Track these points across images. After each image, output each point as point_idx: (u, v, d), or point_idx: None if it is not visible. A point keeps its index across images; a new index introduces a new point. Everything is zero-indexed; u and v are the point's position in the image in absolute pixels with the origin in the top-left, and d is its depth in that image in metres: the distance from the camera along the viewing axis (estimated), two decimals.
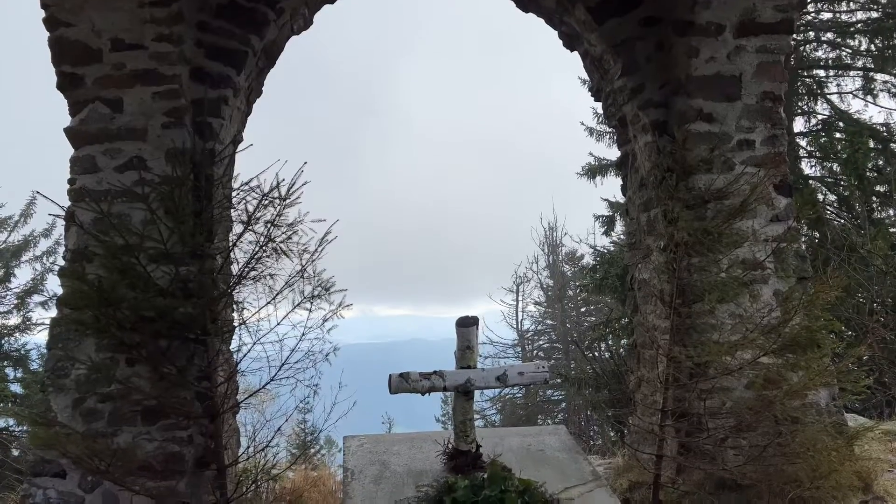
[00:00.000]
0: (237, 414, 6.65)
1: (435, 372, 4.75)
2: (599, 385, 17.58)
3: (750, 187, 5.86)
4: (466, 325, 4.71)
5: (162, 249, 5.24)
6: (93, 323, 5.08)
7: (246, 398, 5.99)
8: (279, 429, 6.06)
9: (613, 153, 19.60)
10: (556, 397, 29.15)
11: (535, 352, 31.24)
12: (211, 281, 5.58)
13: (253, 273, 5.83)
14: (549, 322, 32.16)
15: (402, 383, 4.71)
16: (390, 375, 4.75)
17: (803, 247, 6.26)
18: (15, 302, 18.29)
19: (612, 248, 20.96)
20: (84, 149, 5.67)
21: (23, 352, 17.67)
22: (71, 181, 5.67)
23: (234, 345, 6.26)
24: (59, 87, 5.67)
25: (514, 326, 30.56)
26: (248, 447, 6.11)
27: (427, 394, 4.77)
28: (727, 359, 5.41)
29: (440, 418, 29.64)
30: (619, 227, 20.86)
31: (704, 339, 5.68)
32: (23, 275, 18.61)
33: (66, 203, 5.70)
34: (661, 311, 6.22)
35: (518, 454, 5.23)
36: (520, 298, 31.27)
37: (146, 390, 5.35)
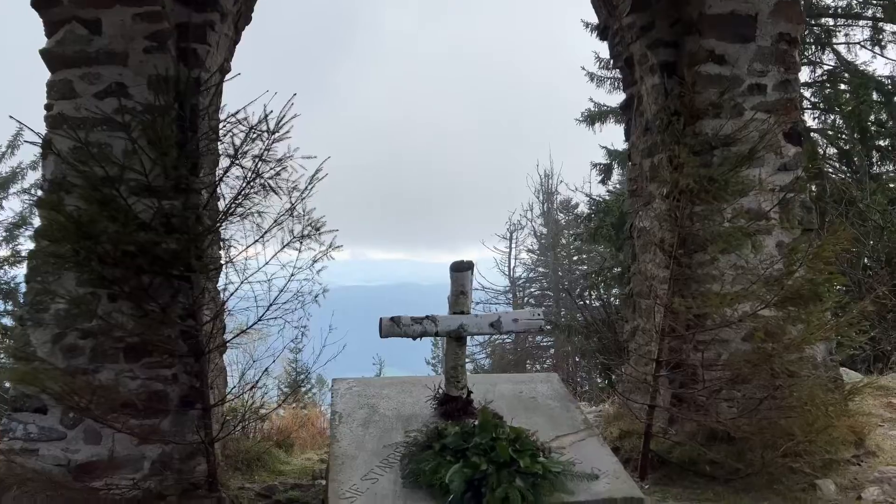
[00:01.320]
0: (224, 353, 6.52)
1: (427, 317, 4.60)
2: (589, 333, 17.64)
3: (759, 134, 5.64)
4: (461, 269, 4.54)
5: (144, 182, 5.00)
6: (71, 257, 4.88)
7: (233, 338, 5.84)
8: (266, 369, 5.92)
9: (614, 99, 19.20)
10: (545, 343, 29.40)
11: (527, 299, 31.37)
12: (196, 216, 5.36)
13: (240, 210, 5.61)
14: (541, 270, 32.20)
15: (392, 327, 4.56)
16: (381, 319, 4.60)
17: (809, 198, 6.07)
18: (3, 234, 18.04)
19: (608, 197, 20.76)
20: (61, 73, 5.35)
21: (13, 284, 17.48)
22: (48, 107, 5.37)
23: (220, 284, 6.11)
24: (34, 4, 5.32)
25: (507, 273, 30.56)
26: (234, 387, 6.00)
27: (418, 339, 4.63)
28: (726, 310, 5.28)
29: (430, 361, 29.86)
30: (616, 175, 20.62)
31: (705, 289, 5.55)
32: (11, 207, 18.33)
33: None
34: (660, 261, 6.07)
35: (509, 401, 5.13)
36: (513, 246, 31.21)
37: (128, 327, 5.19)
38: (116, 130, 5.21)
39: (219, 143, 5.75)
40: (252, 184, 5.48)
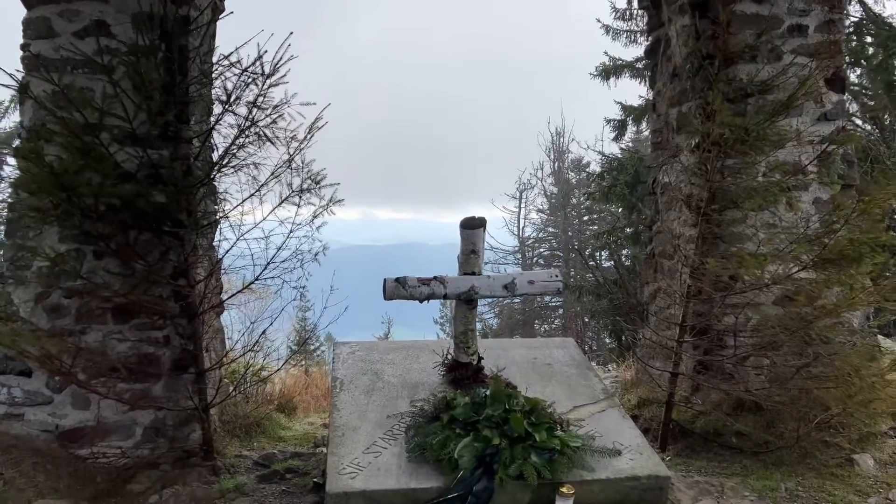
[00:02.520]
0: (221, 314, 6.19)
1: (435, 277, 4.23)
2: (600, 293, 17.32)
3: (798, 80, 5.14)
4: (472, 226, 4.14)
5: (128, 129, 4.59)
6: (51, 210, 4.51)
7: (229, 298, 5.50)
8: (264, 332, 5.59)
9: (629, 53, 18.49)
10: (554, 304, 29.11)
11: (536, 259, 31.01)
12: (186, 168, 4.96)
13: (234, 161, 5.22)
14: (550, 230, 31.75)
15: (397, 289, 4.19)
16: (385, 280, 4.23)
17: (853, 150, 5.59)
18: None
19: (621, 155, 20.16)
20: (38, 9, 4.91)
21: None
22: (24, 47, 4.94)
23: (215, 241, 5.75)
24: None
25: (516, 233, 30.15)
26: (230, 350, 5.68)
27: (426, 301, 4.27)
28: (756, 272, 4.87)
29: (438, 320, 29.68)
30: (630, 133, 19.99)
31: (736, 249, 5.12)
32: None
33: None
34: (686, 218, 5.64)
35: (523, 368, 4.79)
36: (522, 205, 30.74)
37: (115, 286, 4.84)
38: (99, 73, 4.78)
39: (213, 89, 5.34)
40: (246, 133, 5.05)
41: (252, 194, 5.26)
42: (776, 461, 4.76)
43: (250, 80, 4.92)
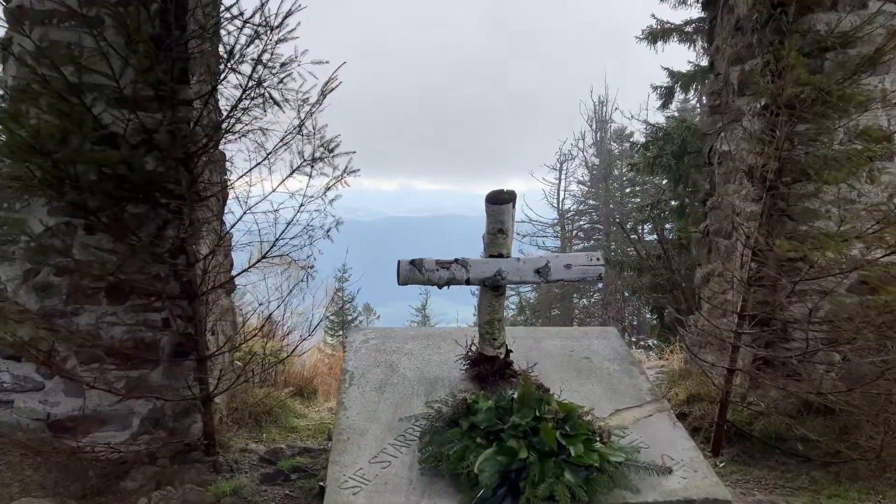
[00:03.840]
0: (232, 293, 5.75)
1: (456, 260, 3.67)
2: (642, 269, 16.60)
3: (887, 32, 4.40)
4: (499, 201, 3.56)
5: (116, 89, 4.12)
6: (32, 179, 4.06)
7: (236, 276, 5.03)
8: (270, 315, 5.13)
9: (678, 15, 17.47)
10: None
11: (575, 232, 30.26)
12: (186, 133, 4.47)
13: (238, 126, 4.72)
14: (591, 202, 30.86)
15: (413, 273, 3.65)
16: (399, 262, 3.69)
17: None
18: None
19: (667, 124, 19.20)
20: None
21: None
22: None
23: (225, 214, 5.29)
24: None
25: (555, 206, 29.35)
26: (250, 329, 5.23)
27: (446, 287, 3.72)
28: (837, 255, 4.20)
29: (476, 292, 29.12)
30: (677, 100, 19.02)
31: (806, 229, 4.44)
32: None
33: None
34: (748, 192, 4.96)
35: (557, 362, 4.22)
36: (562, 177, 29.91)
37: (109, 264, 4.40)
38: (87, 27, 4.29)
39: (218, 44, 4.83)
40: (251, 93, 4.54)
41: (259, 163, 4.78)
42: (851, 474, 4.13)
43: (253, 34, 4.40)
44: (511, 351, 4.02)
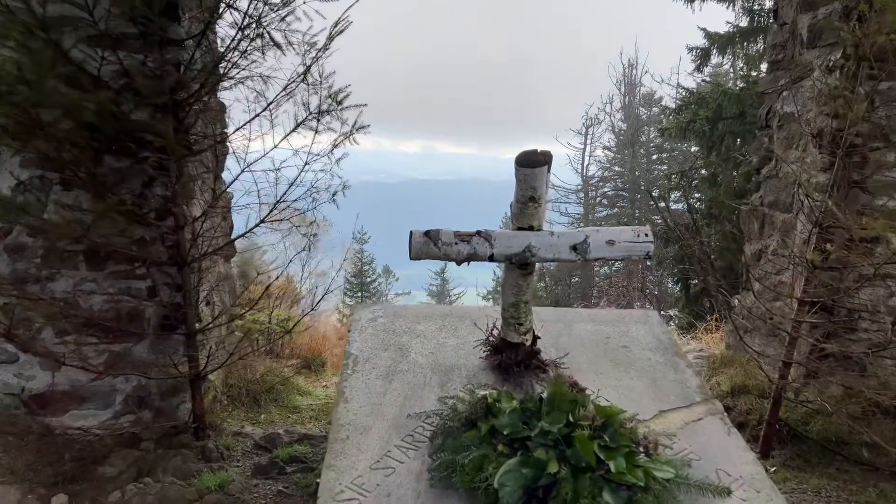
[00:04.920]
0: (231, 258, 5.26)
1: (478, 232, 3.12)
2: (669, 239, 15.97)
3: None
4: (532, 164, 2.98)
5: (91, 22, 3.58)
6: (9, 128, 3.55)
7: (234, 240, 4.53)
8: (268, 287, 4.63)
9: None
10: None
11: (599, 199, 29.51)
12: (175, 77, 3.93)
13: (235, 72, 4.17)
14: (616, 168, 30.03)
15: (427, 246, 3.11)
16: (412, 233, 3.15)
17: None
18: None
19: (700, 89, 18.30)
20: None
21: None
22: None
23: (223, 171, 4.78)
24: None
25: (579, 171, 28.57)
26: (231, 306, 4.74)
27: (466, 263, 3.18)
28: None
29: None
30: (710, 65, 18.09)
31: (884, 202, 3.83)
32: None
33: None
34: (815, 160, 4.33)
35: (591, 351, 3.69)
36: (588, 142, 29.09)
37: (87, 224, 3.91)
38: None
39: None
40: (249, 33, 3.98)
41: (258, 114, 4.23)
42: None
43: None
44: (538, 337, 3.49)
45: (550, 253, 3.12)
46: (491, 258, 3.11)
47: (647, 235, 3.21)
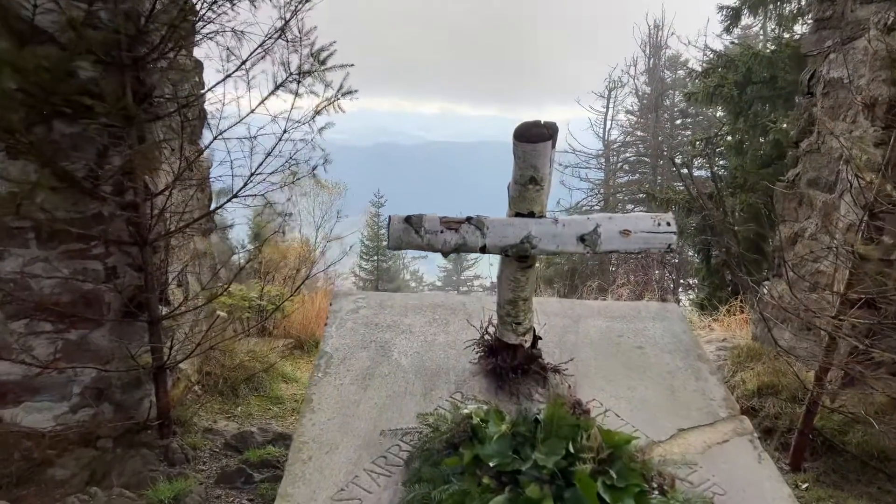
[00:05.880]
0: (211, 232, 4.82)
1: (469, 219, 2.63)
2: (691, 208, 15.33)
3: None
4: (532, 138, 2.48)
5: None
6: None
7: (202, 217, 4.07)
8: (242, 268, 4.18)
9: None
10: (636, 212, 27.04)
11: (621, 164, 28.74)
12: (135, 32, 3.44)
13: (202, 26, 3.67)
14: (639, 133, 29.16)
15: (407, 234, 2.63)
16: (390, 219, 2.67)
17: None
18: None
19: (726, 52, 17.42)
20: None
21: None
22: None
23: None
24: None
25: (601, 136, 27.75)
26: (208, 286, 4.30)
27: (455, 254, 2.71)
28: None
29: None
30: (740, 26, 17.20)
31: None
32: None
33: None
34: (866, 132, 3.76)
35: (601, 352, 3.22)
36: (610, 105, 28.19)
37: (36, 199, 3.48)
38: None
39: None
40: None
41: (230, 74, 3.74)
42: None
43: None
44: (540, 338, 3.03)
45: (553, 244, 2.63)
46: (483, 250, 2.63)
47: (668, 224, 2.70)
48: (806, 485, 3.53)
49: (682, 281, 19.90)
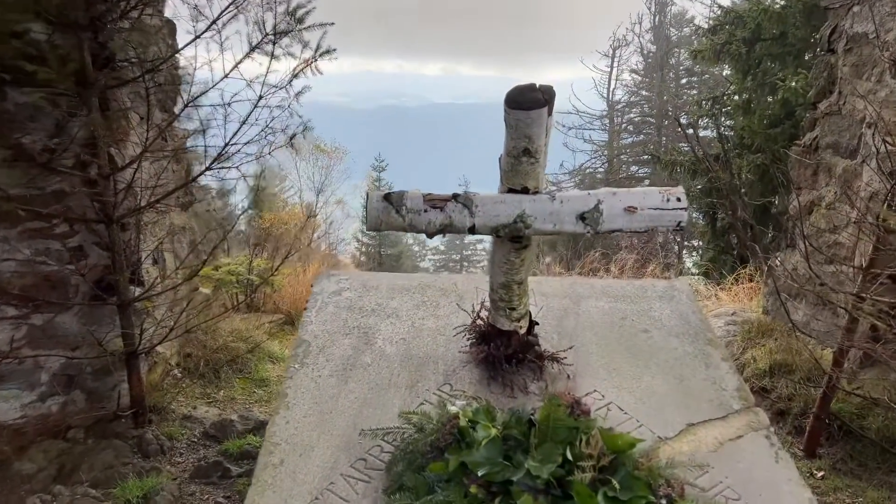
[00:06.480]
0: (190, 206, 4.55)
1: (455, 197, 2.36)
2: (696, 170, 15.00)
3: None
4: (526, 104, 2.18)
5: None
6: None
7: (174, 191, 3.79)
8: (223, 239, 3.92)
9: None
10: (640, 174, 26.71)
11: (625, 125, 28.27)
12: None
13: None
14: (643, 93, 28.61)
15: (387, 214, 2.36)
16: (367, 195, 2.41)
17: None
18: None
19: (733, 8, 16.85)
20: None
21: None
22: None
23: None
24: None
25: (605, 96, 27.22)
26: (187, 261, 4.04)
27: (441, 235, 2.44)
28: None
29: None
30: None
31: None
32: None
33: None
34: (893, 93, 3.45)
35: (603, 336, 2.97)
36: (615, 65, 27.62)
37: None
38: None
39: None
40: None
41: (200, 35, 3.44)
42: None
43: None
44: (536, 323, 2.78)
45: (550, 223, 2.36)
46: (472, 230, 2.36)
47: (679, 200, 2.42)
48: (822, 473, 3.32)
49: (686, 243, 19.64)
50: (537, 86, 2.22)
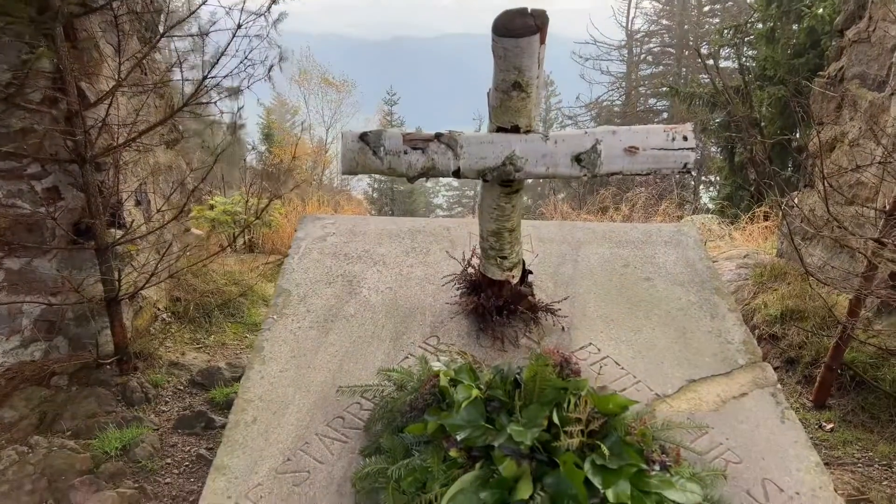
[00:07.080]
0: (177, 143, 4.35)
1: (438, 137, 2.14)
2: (716, 103, 14.57)
3: None
4: (516, 32, 1.94)
5: None
6: None
7: (147, 130, 3.57)
8: (202, 178, 3.74)
9: None
10: (659, 107, 26.07)
11: (644, 55, 27.39)
12: None
13: None
14: (664, 22, 27.59)
15: (363, 156, 2.15)
16: (342, 136, 2.19)
17: None
18: None
19: None
20: None
21: None
22: None
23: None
24: None
25: (624, 26, 26.29)
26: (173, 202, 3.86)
27: (423, 179, 2.23)
28: None
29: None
30: None
31: None
32: None
33: None
34: None
35: (602, 286, 2.79)
36: None
37: None
38: None
39: None
40: None
41: None
42: None
43: None
44: (530, 272, 2.60)
45: (542, 166, 2.14)
46: (457, 174, 2.16)
47: (685, 139, 2.19)
48: (831, 425, 3.18)
49: (703, 178, 19.23)
50: (529, 10, 1.97)
